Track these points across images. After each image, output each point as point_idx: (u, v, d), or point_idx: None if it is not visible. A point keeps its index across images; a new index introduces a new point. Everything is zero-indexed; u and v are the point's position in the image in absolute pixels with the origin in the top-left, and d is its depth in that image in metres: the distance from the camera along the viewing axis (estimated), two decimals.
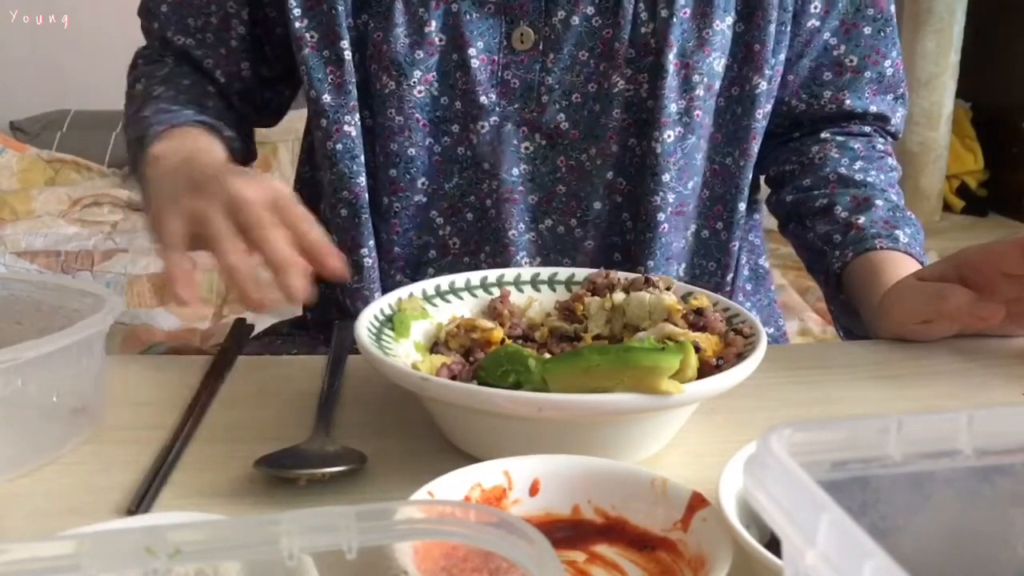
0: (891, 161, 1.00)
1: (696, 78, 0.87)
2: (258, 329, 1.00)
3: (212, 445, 0.64)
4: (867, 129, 1.00)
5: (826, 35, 0.94)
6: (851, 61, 0.95)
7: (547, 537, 0.35)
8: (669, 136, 0.87)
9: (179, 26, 0.94)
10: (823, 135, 0.99)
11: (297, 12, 0.86)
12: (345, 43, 0.86)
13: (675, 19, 0.85)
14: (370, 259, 0.90)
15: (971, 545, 0.42)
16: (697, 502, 0.49)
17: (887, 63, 0.96)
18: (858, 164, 0.96)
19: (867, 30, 0.94)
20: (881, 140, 1.01)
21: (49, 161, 2.83)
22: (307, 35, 0.87)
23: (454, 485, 0.50)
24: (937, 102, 3.04)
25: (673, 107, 0.87)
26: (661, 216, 0.89)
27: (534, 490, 0.52)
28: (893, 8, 0.95)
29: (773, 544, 0.44)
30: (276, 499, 0.57)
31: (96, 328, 0.62)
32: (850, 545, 0.30)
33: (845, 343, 0.94)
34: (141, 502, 0.56)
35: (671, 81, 0.86)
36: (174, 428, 0.65)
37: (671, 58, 0.85)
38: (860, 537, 0.29)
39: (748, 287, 1.02)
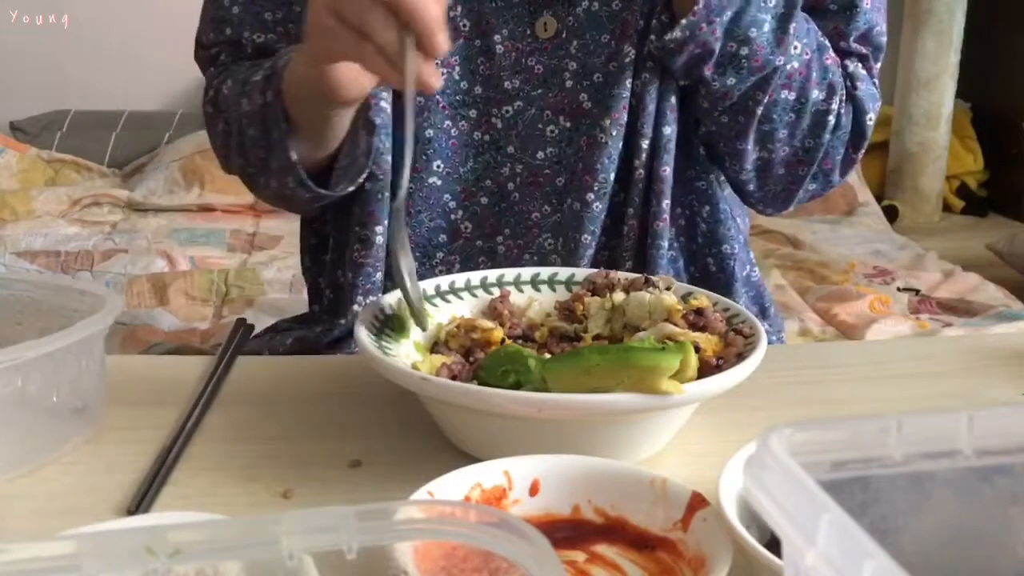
0: (830, 51, 0.89)
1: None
2: (258, 328, 1.00)
3: (212, 445, 0.64)
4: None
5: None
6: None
7: (547, 537, 0.35)
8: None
9: (255, 24, 0.92)
10: None
11: None
12: None
13: None
14: (382, 237, 0.90)
15: (971, 545, 0.42)
16: (697, 502, 0.49)
17: (843, 43, 0.91)
18: None
19: (832, 7, 0.90)
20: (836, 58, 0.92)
21: (49, 161, 2.83)
22: None
23: (454, 485, 0.50)
24: (937, 102, 3.03)
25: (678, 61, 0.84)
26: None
27: (534, 490, 0.52)
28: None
29: (773, 544, 0.44)
30: (276, 499, 0.57)
31: (96, 328, 0.62)
32: (850, 545, 0.30)
33: (845, 343, 0.94)
34: (141, 502, 0.56)
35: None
36: (174, 428, 0.65)
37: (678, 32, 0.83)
38: (860, 537, 0.29)
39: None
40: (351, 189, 0.86)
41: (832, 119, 0.89)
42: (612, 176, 0.90)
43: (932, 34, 2.98)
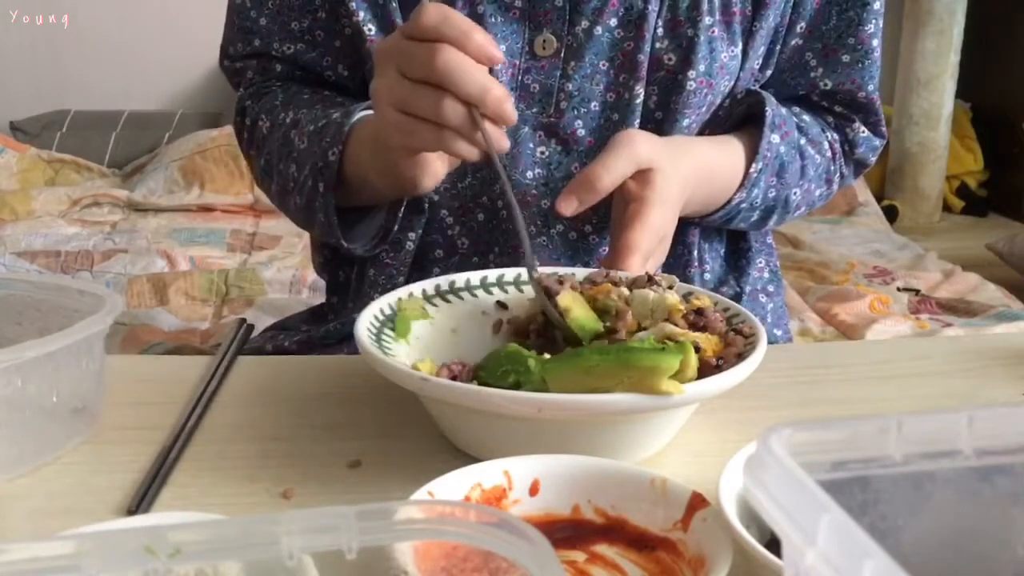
0: (825, 147, 0.97)
1: (709, 98, 0.89)
2: (259, 329, 1.00)
3: (212, 445, 0.64)
4: (824, 144, 0.97)
5: (807, 55, 0.94)
6: (825, 84, 0.95)
7: (547, 537, 0.35)
8: None
9: (283, 34, 0.92)
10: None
11: (353, 6, 0.87)
12: None
13: (700, 39, 0.86)
14: (412, 243, 0.91)
15: (971, 545, 0.42)
16: (697, 502, 0.49)
17: (861, 94, 0.95)
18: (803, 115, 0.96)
19: (845, 58, 0.94)
20: (833, 136, 0.98)
21: (49, 161, 2.83)
22: (365, 28, 0.87)
23: (454, 485, 0.50)
24: (937, 102, 3.04)
25: (685, 122, 0.88)
26: None
27: (534, 490, 0.52)
28: (876, 43, 0.94)
29: (773, 544, 0.44)
30: (276, 499, 0.57)
31: (96, 328, 0.62)
32: (850, 545, 0.30)
33: (845, 343, 0.94)
34: (141, 502, 0.56)
35: (690, 98, 0.87)
36: (174, 428, 0.65)
37: (694, 76, 0.87)
38: (860, 537, 0.29)
39: (771, 288, 1.03)
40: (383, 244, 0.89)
41: (836, 187, 1.00)
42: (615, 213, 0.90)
43: (932, 34, 2.99)
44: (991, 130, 3.24)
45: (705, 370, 0.59)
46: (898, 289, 2.14)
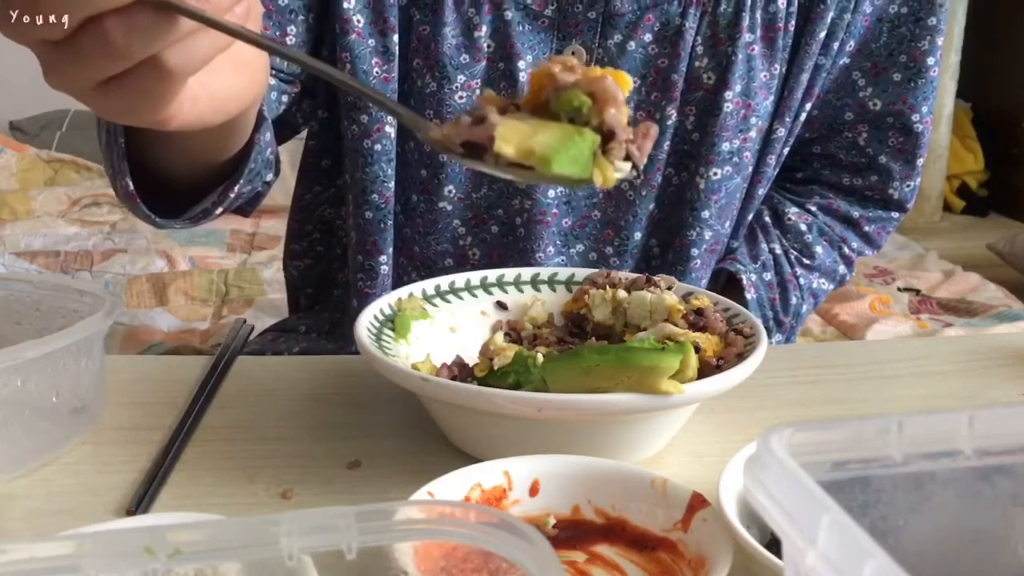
0: (842, 270, 0.99)
1: (753, 120, 0.86)
2: (259, 329, 1.00)
3: (211, 445, 0.64)
4: (855, 215, 0.97)
5: (855, 74, 0.91)
6: (874, 104, 0.92)
7: (547, 537, 0.35)
8: (716, 174, 0.87)
9: None
10: (810, 207, 0.98)
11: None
12: (396, 37, 0.82)
13: (738, 56, 0.83)
14: (387, 266, 0.89)
15: (971, 545, 0.42)
16: (697, 502, 0.49)
17: (915, 116, 0.92)
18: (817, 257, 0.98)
19: (896, 76, 0.91)
20: (856, 243, 0.99)
21: (48, 161, 2.83)
22: (354, 18, 0.82)
23: (454, 485, 0.50)
24: (937, 102, 3.03)
25: (726, 145, 0.86)
26: (695, 251, 0.89)
27: (534, 490, 0.52)
28: (932, 62, 0.90)
29: (773, 544, 0.44)
30: (276, 499, 0.57)
31: (96, 328, 0.62)
32: (850, 545, 0.30)
33: (845, 343, 0.94)
34: (141, 502, 0.56)
35: (727, 120, 0.85)
36: (173, 428, 0.65)
37: (731, 96, 0.84)
38: (860, 537, 0.29)
39: None
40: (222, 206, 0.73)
41: (845, 278, 1.01)
42: (639, 236, 0.89)
43: None
44: (992, 130, 3.24)
45: (705, 370, 0.59)
46: (899, 289, 2.14)
